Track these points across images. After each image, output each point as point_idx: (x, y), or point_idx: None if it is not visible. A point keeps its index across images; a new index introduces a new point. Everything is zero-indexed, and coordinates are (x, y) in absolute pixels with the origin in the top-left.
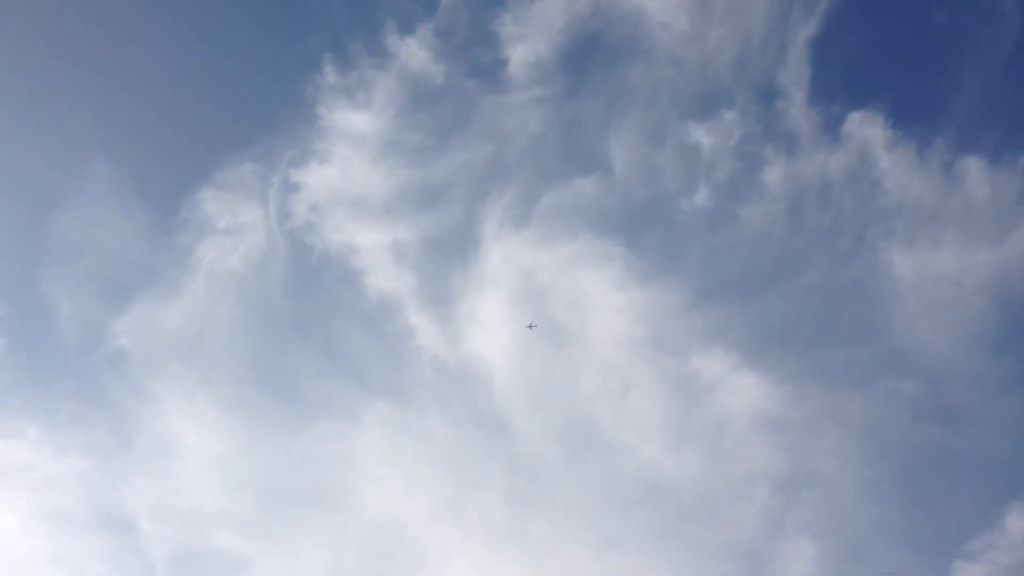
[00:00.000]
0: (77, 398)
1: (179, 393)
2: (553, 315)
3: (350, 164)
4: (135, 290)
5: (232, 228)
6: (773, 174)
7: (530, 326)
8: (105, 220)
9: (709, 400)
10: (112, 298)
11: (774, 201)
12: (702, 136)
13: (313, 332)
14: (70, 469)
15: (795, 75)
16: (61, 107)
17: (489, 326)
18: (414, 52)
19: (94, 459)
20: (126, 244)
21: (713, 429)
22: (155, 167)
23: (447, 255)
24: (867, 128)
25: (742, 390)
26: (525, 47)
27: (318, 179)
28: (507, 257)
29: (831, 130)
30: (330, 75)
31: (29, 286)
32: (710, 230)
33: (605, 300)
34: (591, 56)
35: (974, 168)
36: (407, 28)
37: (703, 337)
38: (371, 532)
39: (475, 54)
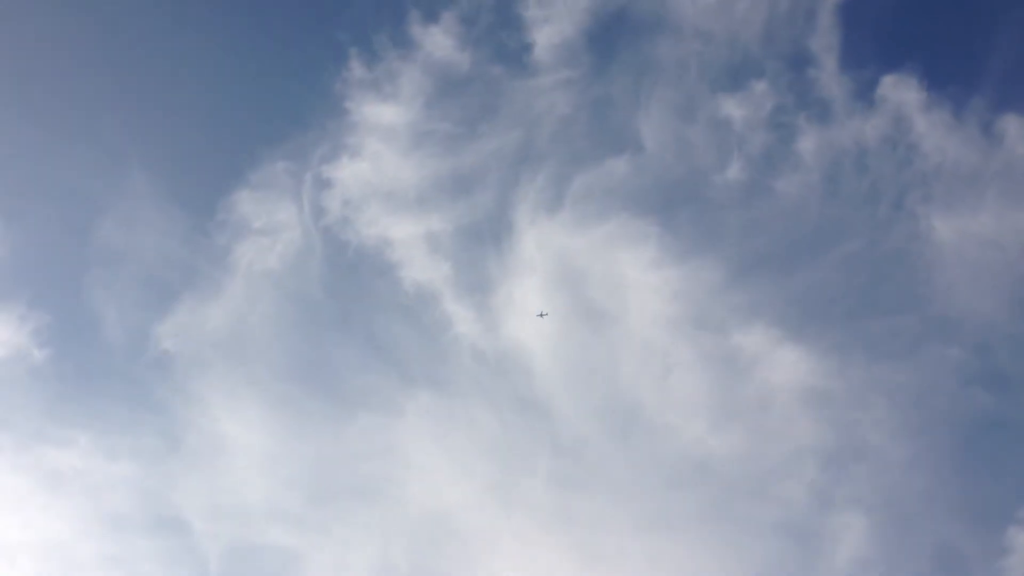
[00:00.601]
0: (125, 403)
1: (224, 393)
2: (590, 298)
3: (381, 157)
4: (177, 293)
5: (268, 227)
6: (807, 144)
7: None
8: (144, 225)
9: (752, 376)
10: (155, 302)
11: (809, 171)
12: (733, 109)
13: (352, 326)
14: (122, 473)
15: (825, 41)
16: (96, 115)
17: (527, 312)
18: (439, 41)
19: (145, 462)
20: (166, 248)
21: (757, 405)
22: (190, 170)
23: (481, 243)
24: (901, 91)
25: (785, 365)
26: (550, 29)
27: (350, 174)
28: (541, 242)
29: (864, 95)
30: (357, 69)
31: (73, 294)
32: (745, 204)
33: (642, 280)
34: (617, 34)
35: (1013, 127)
36: (431, 17)
37: (743, 313)
38: (418, 521)
39: (500, 39)
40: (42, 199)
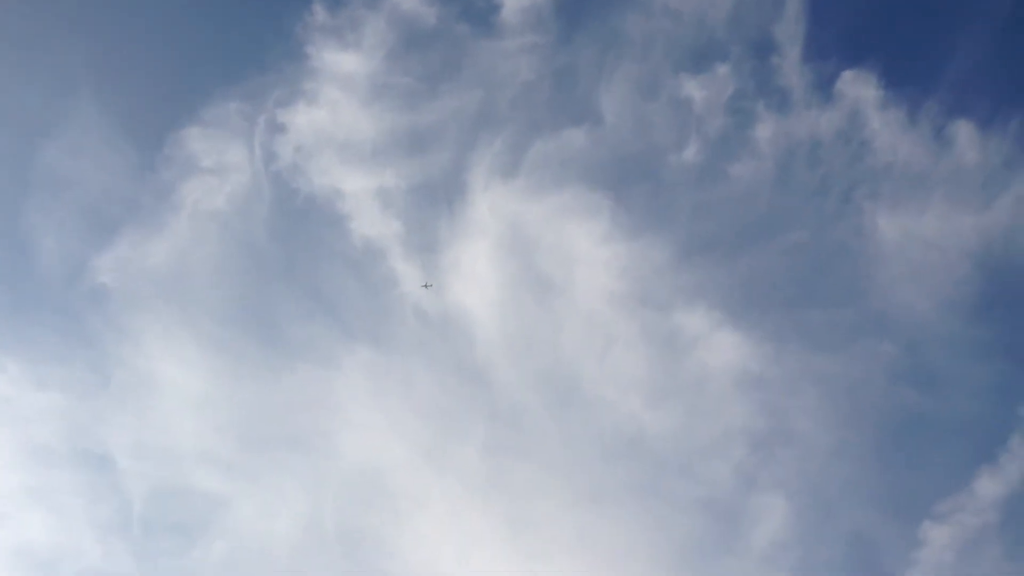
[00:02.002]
0: (57, 333)
1: (160, 332)
2: (538, 267)
3: (338, 106)
4: (118, 226)
5: (216, 167)
6: (764, 131)
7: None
8: (90, 154)
9: (690, 357)
10: (94, 233)
11: (763, 159)
12: (695, 90)
13: (296, 275)
14: (50, 404)
15: (790, 30)
16: (48, 36)
17: (473, 276)
18: None
19: (73, 395)
20: (110, 179)
21: (693, 385)
22: (140, 101)
23: (434, 203)
24: (859, 87)
25: (723, 347)
26: None
27: (305, 120)
28: (494, 206)
29: (823, 88)
30: (320, 13)
31: (11, 218)
32: (698, 186)
33: (591, 253)
34: (586, 4)
35: (964, 132)
36: None
37: (687, 293)
38: (349, 477)
39: None
40: None
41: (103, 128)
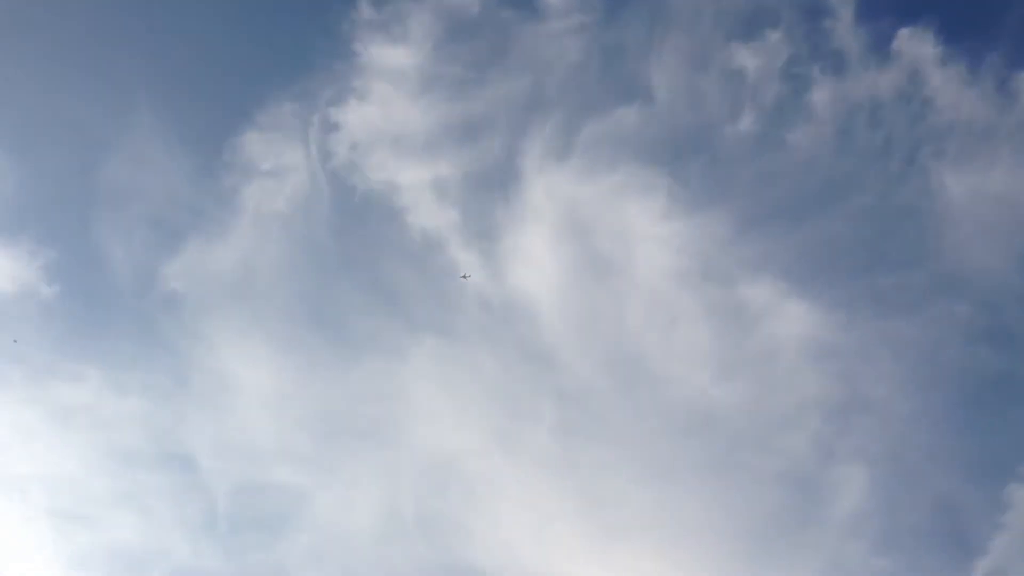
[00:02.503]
0: (134, 340)
1: (232, 333)
2: (597, 247)
3: (389, 101)
4: (184, 233)
5: (275, 169)
6: (821, 96)
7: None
8: (152, 164)
9: (758, 329)
10: (162, 241)
11: (822, 124)
12: (747, 59)
13: (359, 270)
14: (131, 409)
15: None
16: (104, 51)
17: (533, 260)
18: None
19: (153, 399)
20: (173, 188)
21: (763, 358)
22: (197, 110)
23: (489, 190)
24: (917, 45)
25: (792, 318)
26: None
27: (358, 117)
28: (549, 190)
29: (880, 48)
30: (366, 10)
31: (81, 231)
32: (756, 156)
33: (650, 231)
34: None
35: None
36: None
37: (751, 266)
38: (423, 465)
39: None
40: (48, 134)
41: (163, 138)
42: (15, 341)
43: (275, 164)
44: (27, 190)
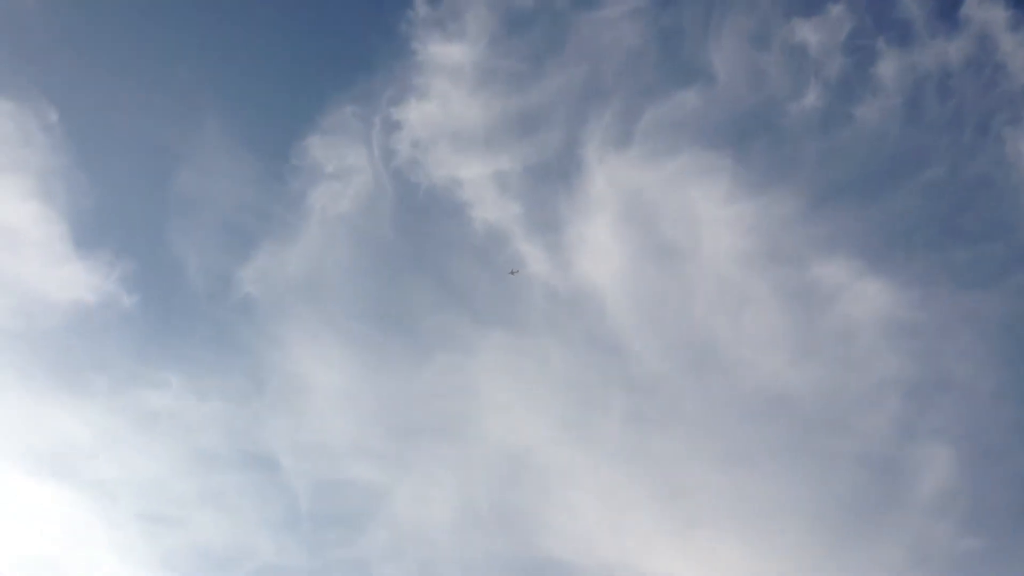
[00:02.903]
0: (212, 346)
1: (304, 335)
2: (662, 233)
3: (448, 97)
4: (255, 238)
5: (340, 171)
6: (887, 68)
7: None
8: (221, 172)
9: (832, 309)
10: (235, 247)
11: (889, 96)
12: (809, 34)
13: (425, 267)
14: (212, 413)
15: None
16: (169, 65)
17: (598, 249)
18: None
19: (233, 402)
20: (243, 194)
21: (838, 338)
22: (261, 117)
23: (551, 181)
24: (986, 10)
25: (866, 296)
26: None
27: (418, 115)
28: (611, 178)
29: (947, 15)
30: (421, 7)
31: (157, 242)
32: (822, 133)
33: (715, 214)
34: None
35: None
36: None
37: (821, 245)
38: (496, 457)
39: None
40: (121, 149)
41: (230, 146)
42: None
43: (339, 166)
44: (104, 204)
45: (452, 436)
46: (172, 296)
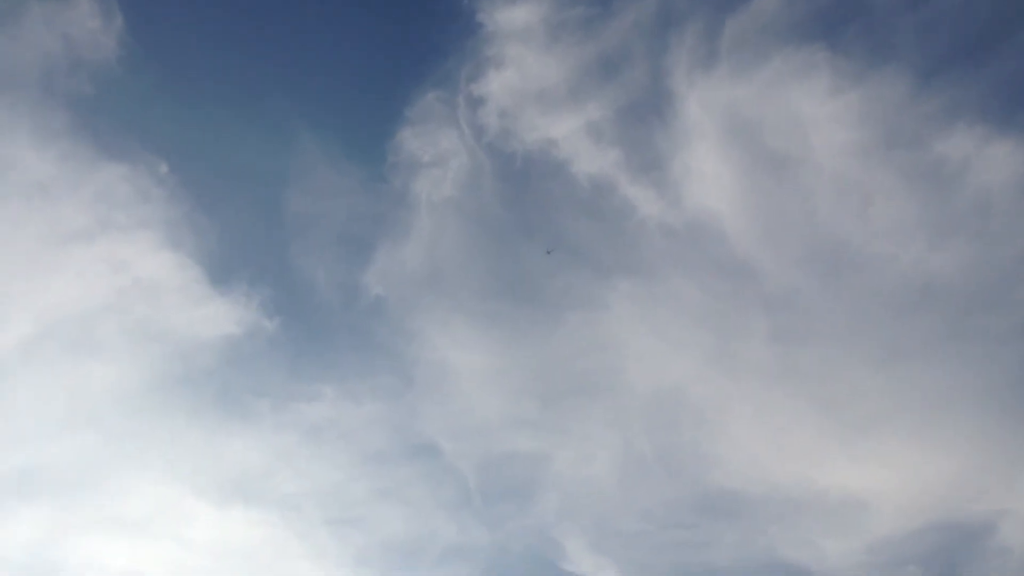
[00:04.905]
0: (355, 352)
1: (438, 323)
2: (769, 144)
3: (524, 60)
4: (372, 241)
5: (436, 158)
6: None
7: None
8: (326, 186)
9: (963, 183)
10: (355, 254)
11: None
12: None
13: (537, 232)
14: (369, 414)
15: None
16: (256, 95)
17: (706, 176)
18: None
19: (385, 400)
20: (350, 202)
21: (975, 212)
22: (350, 123)
23: (644, 119)
24: None
25: (997, 161)
26: None
27: (499, 85)
28: (705, 102)
29: None
30: None
31: (283, 266)
32: (916, 5)
33: (820, 112)
34: None
35: None
36: None
37: (938, 119)
38: (648, 403)
39: None
40: (231, 187)
41: (329, 160)
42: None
43: (434, 153)
44: (227, 240)
45: (601, 391)
46: (308, 313)
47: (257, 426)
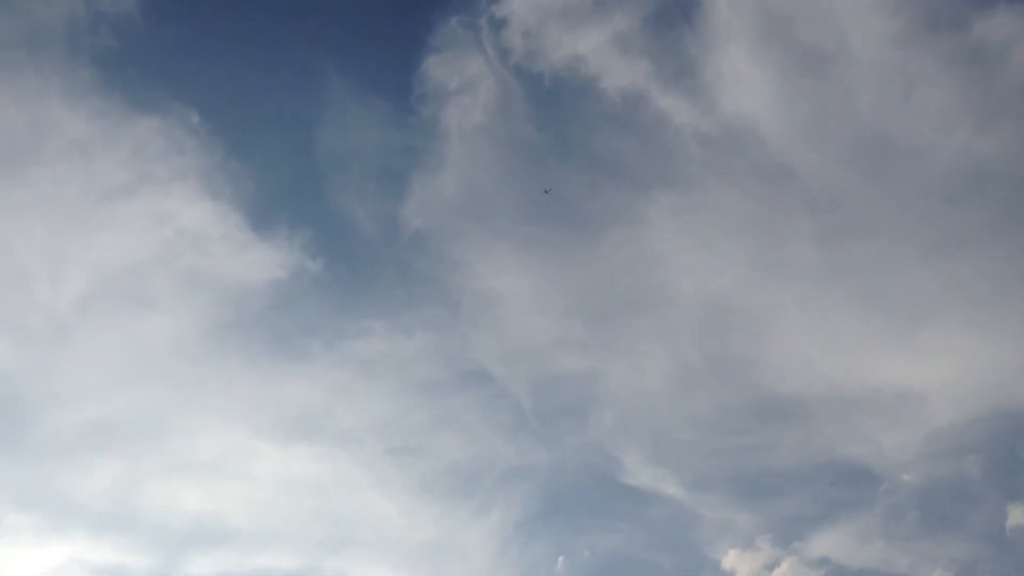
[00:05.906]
0: (401, 285)
1: (480, 250)
2: (803, 40)
3: None
4: (407, 173)
5: (463, 86)
6: None
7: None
8: (357, 123)
9: (1006, 64)
10: (391, 188)
11: None
12: None
13: (571, 152)
14: (420, 345)
15: None
16: (283, 38)
17: (741, 79)
18: None
19: (435, 330)
20: (382, 136)
21: (1021, 94)
22: (375, 57)
23: (672, 26)
24: None
25: None
26: None
27: (520, 4)
28: (734, 1)
29: None
30: None
31: (321, 205)
32: None
33: (855, 1)
34: None
35: None
36: None
37: None
38: (696, 314)
39: None
40: (263, 132)
41: (357, 96)
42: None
43: (461, 80)
44: (265, 186)
45: (647, 306)
46: (351, 250)
47: (311, 365)
